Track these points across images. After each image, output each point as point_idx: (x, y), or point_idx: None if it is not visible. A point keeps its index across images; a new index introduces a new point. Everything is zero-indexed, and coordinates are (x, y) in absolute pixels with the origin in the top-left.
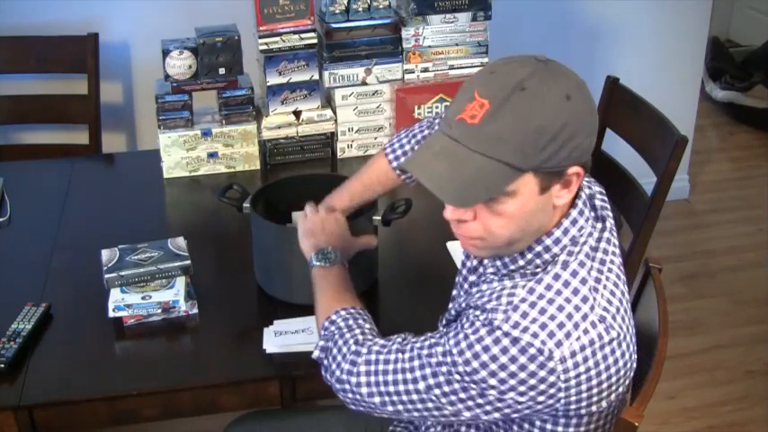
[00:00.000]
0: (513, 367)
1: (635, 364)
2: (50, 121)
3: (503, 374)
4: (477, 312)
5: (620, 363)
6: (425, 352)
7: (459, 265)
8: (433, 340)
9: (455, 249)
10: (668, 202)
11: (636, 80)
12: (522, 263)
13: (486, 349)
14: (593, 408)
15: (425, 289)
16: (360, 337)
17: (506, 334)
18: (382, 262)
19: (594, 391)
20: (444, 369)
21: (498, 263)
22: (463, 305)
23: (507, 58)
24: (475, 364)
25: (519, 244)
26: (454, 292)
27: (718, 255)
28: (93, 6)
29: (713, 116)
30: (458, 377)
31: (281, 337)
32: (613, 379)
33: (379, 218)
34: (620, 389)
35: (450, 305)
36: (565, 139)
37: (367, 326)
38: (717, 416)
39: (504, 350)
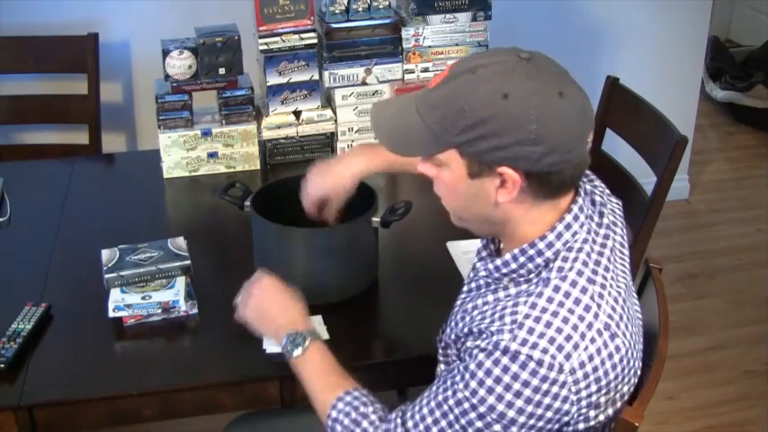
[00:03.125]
0: (527, 392)
1: (639, 371)
2: (50, 121)
3: (519, 403)
4: (478, 342)
5: (626, 369)
6: (438, 413)
7: (458, 265)
8: (439, 398)
9: (455, 249)
10: (668, 202)
11: (636, 80)
12: (514, 266)
13: (497, 380)
14: (601, 417)
15: (425, 289)
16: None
17: (515, 355)
18: (382, 262)
19: (603, 399)
20: (463, 421)
21: (490, 266)
22: (465, 330)
23: (506, 48)
24: (491, 400)
25: (471, 225)
26: (464, 289)
27: (718, 255)
28: (93, 6)
29: (713, 116)
30: (479, 423)
31: None
32: (620, 386)
33: (378, 219)
34: (626, 397)
35: (457, 308)
36: (485, 133)
37: (370, 410)
38: (716, 416)
39: (515, 376)
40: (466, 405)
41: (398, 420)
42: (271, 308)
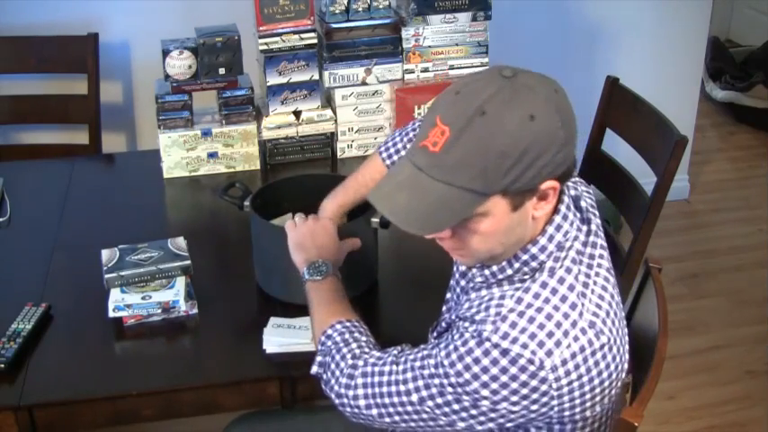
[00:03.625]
0: (504, 378)
1: (627, 366)
2: (50, 121)
3: (494, 385)
4: (467, 324)
5: (612, 367)
6: (418, 364)
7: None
8: (425, 352)
9: None
10: (668, 202)
11: (636, 80)
12: (510, 272)
13: (476, 361)
14: (587, 413)
15: (425, 289)
16: (356, 351)
17: (496, 345)
18: (382, 262)
19: (587, 396)
20: (437, 381)
21: (486, 272)
22: (453, 317)
23: (474, 75)
24: (466, 375)
25: (503, 255)
26: (448, 296)
27: (719, 255)
28: (93, 6)
29: (713, 116)
30: (450, 389)
31: (280, 329)
32: (606, 383)
33: (377, 220)
34: (613, 392)
35: (444, 308)
36: (531, 160)
37: (363, 338)
38: (717, 416)
39: (495, 361)
40: (441, 371)
41: (395, 354)
42: (311, 242)
